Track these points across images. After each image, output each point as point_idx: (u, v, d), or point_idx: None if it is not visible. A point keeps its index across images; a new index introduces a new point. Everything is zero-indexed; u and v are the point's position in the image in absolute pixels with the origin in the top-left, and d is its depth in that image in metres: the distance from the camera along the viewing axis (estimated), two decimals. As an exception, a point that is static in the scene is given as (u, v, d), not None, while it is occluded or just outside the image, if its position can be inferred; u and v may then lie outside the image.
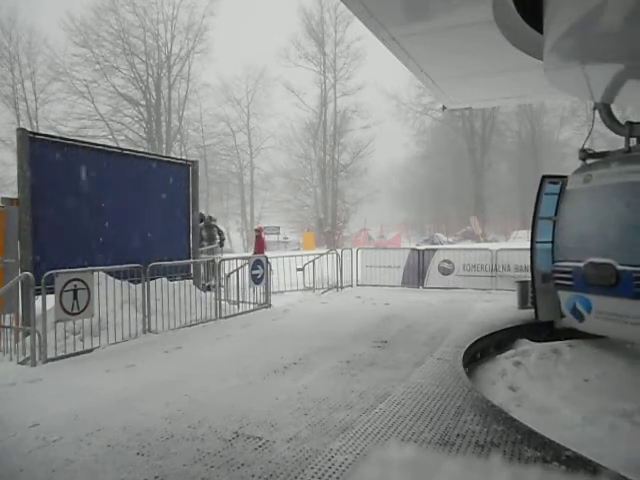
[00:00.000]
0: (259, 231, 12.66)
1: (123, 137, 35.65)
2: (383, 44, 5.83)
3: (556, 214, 5.95)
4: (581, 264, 5.16)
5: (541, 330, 5.99)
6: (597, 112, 5.82)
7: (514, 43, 5.26)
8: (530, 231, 6.12)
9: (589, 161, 5.70)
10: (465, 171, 42.53)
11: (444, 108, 10.25)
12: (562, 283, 5.56)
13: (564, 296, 5.60)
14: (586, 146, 5.77)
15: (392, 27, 5.40)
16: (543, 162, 37.83)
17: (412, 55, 6.20)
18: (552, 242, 5.94)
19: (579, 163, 5.87)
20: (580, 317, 5.33)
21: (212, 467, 2.59)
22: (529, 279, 6.36)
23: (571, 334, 5.59)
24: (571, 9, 3.92)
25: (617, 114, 5.90)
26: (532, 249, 6.04)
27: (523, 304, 6.78)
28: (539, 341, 5.64)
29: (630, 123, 5.39)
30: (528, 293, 6.56)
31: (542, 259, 5.98)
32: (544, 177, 5.99)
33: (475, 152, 42.34)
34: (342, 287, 10.62)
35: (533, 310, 6.08)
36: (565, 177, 5.91)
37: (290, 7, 49.16)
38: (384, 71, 31.39)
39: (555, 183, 5.94)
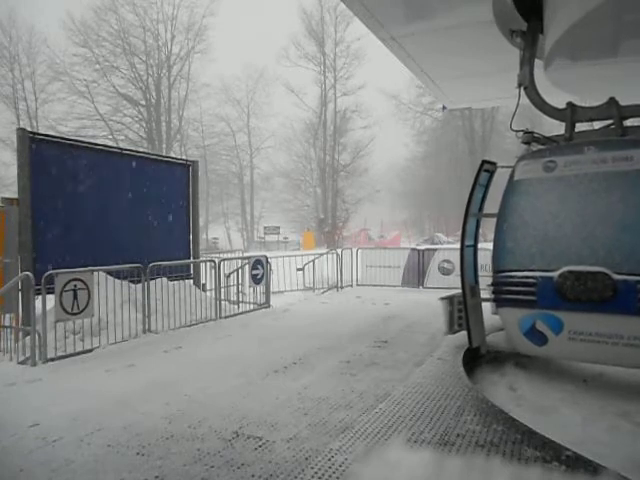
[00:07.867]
0: None
1: (123, 137, 35.63)
2: (383, 44, 5.84)
3: (480, 209, 4.91)
4: (553, 274, 4.04)
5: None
6: (522, 90, 4.79)
7: (514, 43, 5.25)
8: (461, 231, 4.89)
9: (535, 147, 4.62)
10: (465, 171, 42.45)
11: (444, 108, 10.27)
12: (516, 298, 4.28)
13: (515, 315, 4.31)
14: (514, 127, 4.76)
15: (392, 27, 5.41)
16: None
17: (412, 55, 6.20)
18: (474, 246, 4.92)
19: None
20: (541, 340, 4.17)
21: (212, 467, 2.59)
22: (456, 294, 5.05)
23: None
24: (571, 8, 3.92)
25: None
26: (462, 255, 4.71)
27: (451, 327, 5.17)
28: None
29: (572, 105, 4.40)
30: (455, 312, 5.16)
31: (469, 268, 4.83)
32: (484, 162, 4.78)
33: (475, 152, 42.26)
34: (342, 287, 10.63)
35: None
36: (494, 164, 4.87)
37: (290, 7, 49.26)
38: (384, 71, 31.38)
39: (487, 171, 4.79)
